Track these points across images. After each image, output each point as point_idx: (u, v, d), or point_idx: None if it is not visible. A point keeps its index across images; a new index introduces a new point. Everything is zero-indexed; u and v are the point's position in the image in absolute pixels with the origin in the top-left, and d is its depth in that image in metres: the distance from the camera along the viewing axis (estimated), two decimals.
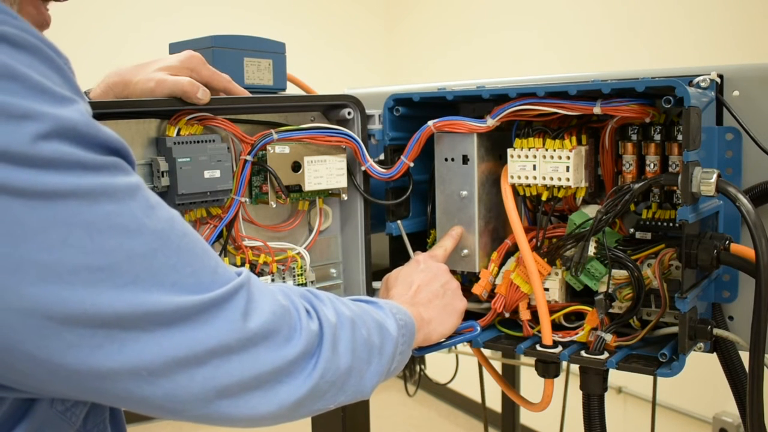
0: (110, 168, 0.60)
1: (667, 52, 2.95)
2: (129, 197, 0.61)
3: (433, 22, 4.47)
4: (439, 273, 1.05)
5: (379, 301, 0.91)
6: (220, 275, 0.67)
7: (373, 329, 0.83)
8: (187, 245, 0.65)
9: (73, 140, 0.58)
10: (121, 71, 0.99)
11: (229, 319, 0.65)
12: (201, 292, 0.64)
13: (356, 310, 0.84)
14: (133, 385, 0.61)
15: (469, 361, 2.04)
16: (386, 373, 0.85)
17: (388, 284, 1.06)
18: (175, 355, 0.62)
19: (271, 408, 0.69)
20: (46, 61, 0.58)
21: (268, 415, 0.70)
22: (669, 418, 2.93)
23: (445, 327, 1.01)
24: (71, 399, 0.68)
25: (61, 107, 0.58)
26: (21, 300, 0.55)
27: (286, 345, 0.70)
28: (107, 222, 0.59)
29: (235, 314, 0.66)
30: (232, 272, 0.69)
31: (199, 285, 0.64)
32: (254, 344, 0.67)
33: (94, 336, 0.58)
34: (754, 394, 0.87)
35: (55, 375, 0.59)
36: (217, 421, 0.67)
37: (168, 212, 0.65)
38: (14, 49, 0.56)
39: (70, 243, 0.56)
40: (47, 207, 0.56)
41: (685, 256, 0.92)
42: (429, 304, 1.00)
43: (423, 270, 1.05)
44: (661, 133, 1.02)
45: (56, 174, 0.56)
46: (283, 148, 1.07)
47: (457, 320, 1.04)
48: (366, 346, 0.81)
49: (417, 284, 1.02)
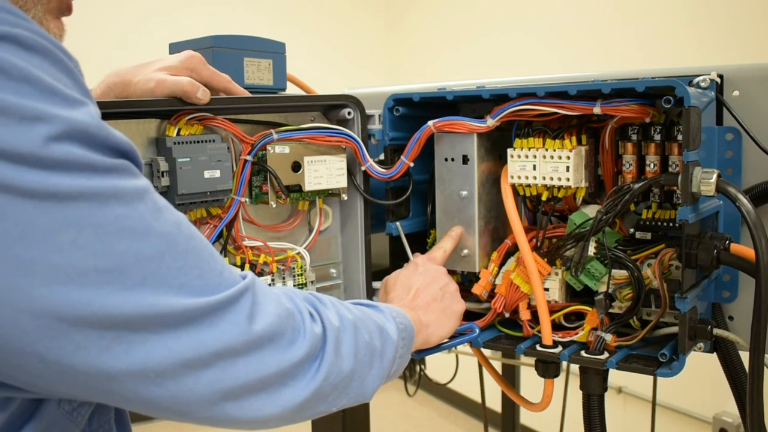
0: (120, 170, 0.61)
1: (667, 52, 2.95)
2: (138, 200, 0.61)
3: (434, 22, 4.47)
4: (438, 276, 1.05)
5: (380, 305, 0.91)
6: (226, 278, 0.67)
7: (375, 333, 0.84)
8: (194, 248, 0.65)
9: (84, 142, 0.58)
10: (121, 71, 0.99)
11: (234, 322, 0.66)
12: (208, 295, 0.64)
13: (358, 313, 0.84)
14: (140, 386, 0.61)
15: (469, 361, 2.04)
16: (387, 376, 0.85)
17: (387, 287, 1.06)
18: (182, 357, 0.62)
19: (275, 410, 0.70)
20: (57, 63, 0.59)
21: (272, 417, 0.70)
22: (669, 418, 2.93)
23: (444, 330, 1.01)
24: (79, 400, 0.68)
25: (72, 109, 0.58)
26: (32, 302, 0.55)
27: (290, 348, 0.71)
28: (116, 224, 0.59)
29: (241, 317, 0.66)
30: (237, 275, 0.70)
31: (206, 287, 0.65)
32: (259, 347, 0.68)
33: (102, 338, 0.58)
34: (754, 394, 0.87)
35: (64, 376, 0.59)
36: (223, 423, 0.68)
37: (175, 215, 0.65)
38: (27, 52, 0.56)
39: (80, 245, 0.57)
40: (58, 208, 0.56)
41: (685, 256, 0.92)
42: (428, 307, 1.00)
43: (422, 273, 1.05)
44: (661, 133, 1.02)
45: (67, 176, 0.56)
46: (283, 148, 1.07)
47: (456, 323, 1.04)
48: (368, 349, 0.81)
49: (416, 287, 1.02)
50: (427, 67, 4.52)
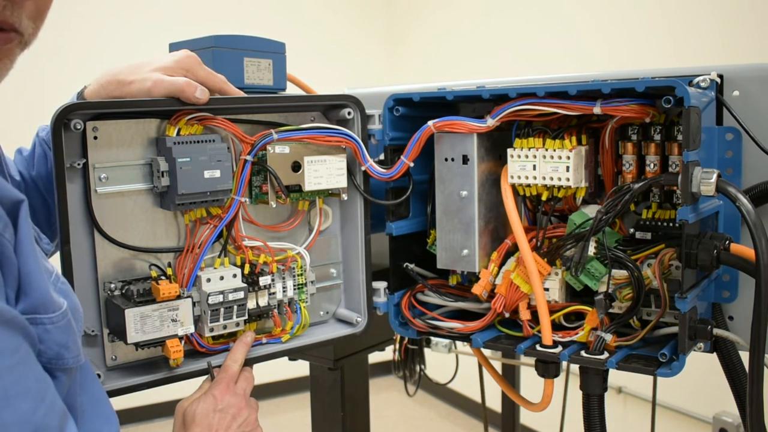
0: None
1: (667, 52, 2.95)
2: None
3: (434, 22, 4.47)
4: (237, 412, 1.01)
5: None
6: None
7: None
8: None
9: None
10: (115, 71, 0.99)
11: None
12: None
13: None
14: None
15: (469, 361, 2.04)
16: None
17: (185, 421, 1.00)
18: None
19: None
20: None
21: None
22: (669, 418, 2.93)
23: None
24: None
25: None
26: None
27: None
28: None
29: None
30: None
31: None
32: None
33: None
34: (754, 394, 0.87)
35: None
36: None
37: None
38: None
39: None
40: None
41: (685, 256, 0.92)
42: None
43: (221, 410, 1.00)
44: (661, 133, 1.02)
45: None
46: (283, 148, 1.07)
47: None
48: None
49: (215, 429, 0.98)
50: (427, 67, 4.52)
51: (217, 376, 1.02)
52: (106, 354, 1.01)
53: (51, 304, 0.69)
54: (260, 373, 1.13)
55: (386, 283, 1.20)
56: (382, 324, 1.22)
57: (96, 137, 0.96)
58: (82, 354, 0.74)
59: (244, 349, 1.07)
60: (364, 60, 4.83)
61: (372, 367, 1.60)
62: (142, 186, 1.00)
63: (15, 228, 0.67)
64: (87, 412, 0.79)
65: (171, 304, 0.97)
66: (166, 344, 0.98)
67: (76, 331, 0.74)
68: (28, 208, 0.70)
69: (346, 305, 1.23)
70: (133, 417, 3.92)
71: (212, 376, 1.03)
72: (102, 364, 1.00)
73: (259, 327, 1.13)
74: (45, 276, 0.70)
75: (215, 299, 1.02)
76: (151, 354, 1.03)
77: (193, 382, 1.05)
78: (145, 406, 3.90)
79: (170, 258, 1.04)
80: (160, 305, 0.96)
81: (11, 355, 0.63)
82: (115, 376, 1.00)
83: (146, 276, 1.01)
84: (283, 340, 1.13)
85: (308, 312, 1.16)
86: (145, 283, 0.99)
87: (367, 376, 1.52)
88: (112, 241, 0.99)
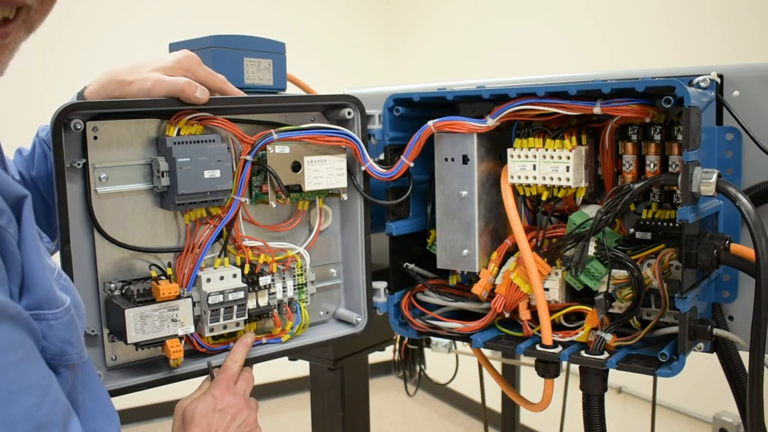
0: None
1: (667, 52, 2.95)
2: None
3: (434, 22, 4.47)
4: (237, 412, 1.01)
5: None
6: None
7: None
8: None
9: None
10: (115, 71, 0.99)
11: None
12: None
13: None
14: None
15: (469, 361, 2.04)
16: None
17: (184, 421, 1.00)
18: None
19: None
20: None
21: None
22: (669, 418, 2.93)
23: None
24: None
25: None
26: None
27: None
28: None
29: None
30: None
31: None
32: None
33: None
34: (754, 394, 0.87)
35: None
36: None
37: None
38: None
39: None
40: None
41: (685, 256, 0.92)
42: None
43: (220, 410, 1.00)
44: (661, 133, 1.02)
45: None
46: (283, 148, 1.07)
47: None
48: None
49: (214, 429, 0.98)
50: (427, 66, 4.52)
51: (216, 376, 1.02)
52: (106, 354, 1.01)
53: (54, 299, 0.70)
54: (260, 373, 1.13)
55: (386, 283, 1.20)
56: (382, 324, 1.22)
57: (96, 137, 0.96)
58: (84, 350, 0.75)
59: (245, 350, 1.07)
60: (364, 60, 4.83)
61: (372, 367, 1.60)
62: (142, 186, 1.00)
63: (19, 223, 0.67)
64: (89, 409, 0.79)
65: (171, 304, 0.97)
66: (166, 344, 0.98)
67: (79, 327, 0.74)
68: (32, 205, 0.70)
69: (346, 305, 1.23)
70: (133, 417, 3.92)
71: (212, 376, 1.03)
72: (102, 364, 1.00)
73: (259, 327, 1.13)
74: (48, 272, 0.70)
75: (215, 299, 1.02)
76: (151, 354, 1.03)
77: (193, 382, 1.05)
78: (145, 406, 3.90)
79: (170, 258, 1.04)
80: (160, 305, 0.96)
81: (15, 351, 0.63)
82: (115, 376, 1.00)
83: (146, 276, 1.01)
84: (283, 340, 1.13)
85: (308, 312, 1.16)
86: (145, 283, 0.99)
87: (367, 376, 1.52)
88: (112, 241, 0.99)
